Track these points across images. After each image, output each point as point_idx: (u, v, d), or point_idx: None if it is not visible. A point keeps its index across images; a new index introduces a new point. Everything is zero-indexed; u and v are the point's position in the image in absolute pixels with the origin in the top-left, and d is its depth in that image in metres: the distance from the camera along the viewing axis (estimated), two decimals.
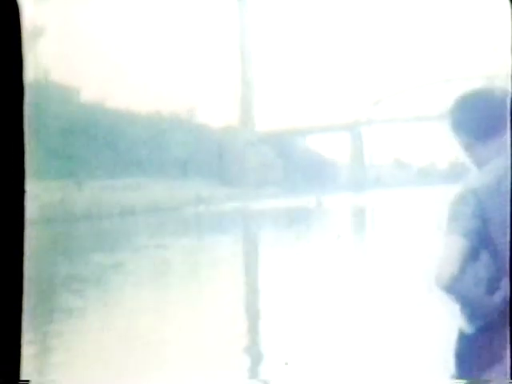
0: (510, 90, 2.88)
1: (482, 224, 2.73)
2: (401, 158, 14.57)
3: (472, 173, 2.88)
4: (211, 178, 12.82)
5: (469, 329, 2.75)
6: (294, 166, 14.14)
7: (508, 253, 2.75)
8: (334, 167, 14.78)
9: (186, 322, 7.19)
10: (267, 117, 14.28)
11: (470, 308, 2.73)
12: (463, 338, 2.84)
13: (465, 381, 2.81)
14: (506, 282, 2.71)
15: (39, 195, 11.18)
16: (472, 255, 2.72)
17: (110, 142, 12.02)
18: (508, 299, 2.71)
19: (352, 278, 8.79)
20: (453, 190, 2.81)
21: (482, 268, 2.74)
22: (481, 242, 2.71)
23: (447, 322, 2.86)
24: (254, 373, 5.62)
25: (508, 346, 2.86)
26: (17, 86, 2.84)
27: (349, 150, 14.83)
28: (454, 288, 2.69)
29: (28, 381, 2.85)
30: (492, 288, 2.74)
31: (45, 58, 12.01)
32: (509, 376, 2.84)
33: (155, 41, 11.72)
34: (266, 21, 13.36)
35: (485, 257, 2.73)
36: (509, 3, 2.97)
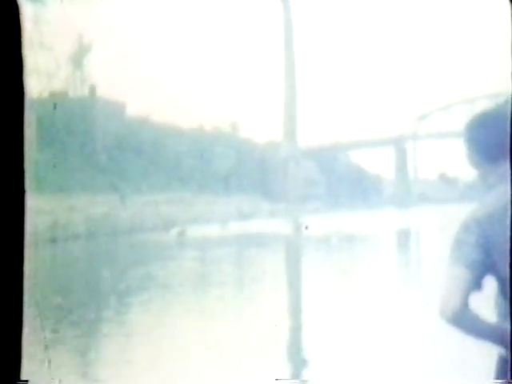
0: None
1: (486, 253, 2.66)
2: (446, 173, 14.41)
3: (475, 202, 2.81)
4: (254, 193, 12.83)
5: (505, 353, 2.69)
6: (338, 181, 14.07)
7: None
8: (377, 182, 14.68)
9: (227, 331, 7.22)
10: (310, 131, 14.27)
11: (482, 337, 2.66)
12: (503, 362, 2.76)
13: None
14: None
15: (84, 209, 11.29)
16: (476, 285, 2.65)
17: (153, 157, 12.10)
18: None
19: (394, 296, 8.70)
20: None
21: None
22: (485, 271, 2.64)
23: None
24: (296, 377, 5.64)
25: None
26: (17, 87, 2.85)
27: (393, 165, 14.74)
28: (458, 320, 2.62)
29: (28, 381, 2.87)
30: (504, 313, 2.67)
31: (91, 74, 12.18)
32: (509, 376, 2.76)
33: (200, 57, 11.80)
34: (311, 36, 13.37)
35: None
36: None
